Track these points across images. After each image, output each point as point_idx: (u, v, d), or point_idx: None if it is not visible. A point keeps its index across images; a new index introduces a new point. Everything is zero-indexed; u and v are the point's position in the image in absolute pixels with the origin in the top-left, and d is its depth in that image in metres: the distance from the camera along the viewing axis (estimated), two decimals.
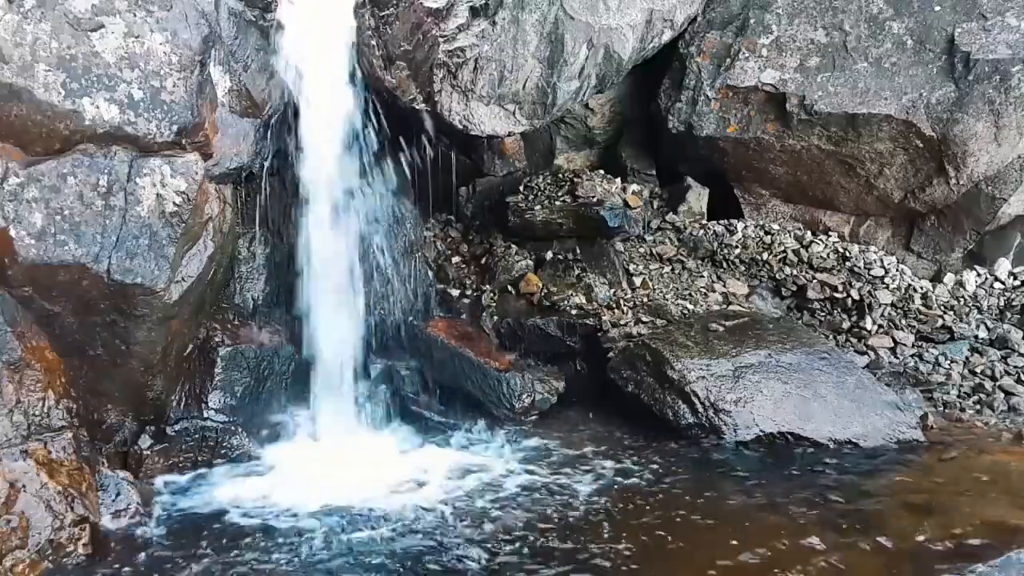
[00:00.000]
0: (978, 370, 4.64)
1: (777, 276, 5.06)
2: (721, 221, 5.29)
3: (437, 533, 3.23)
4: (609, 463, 3.85)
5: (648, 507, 3.41)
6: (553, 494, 3.55)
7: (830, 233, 5.32)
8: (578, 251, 4.94)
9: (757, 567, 2.93)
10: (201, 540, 3.20)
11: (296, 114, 4.04)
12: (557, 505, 3.45)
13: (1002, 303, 5.11)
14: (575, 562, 3.00)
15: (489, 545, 3.13)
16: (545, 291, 4.76)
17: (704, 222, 5.28)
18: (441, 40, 4.16)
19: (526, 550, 3.09)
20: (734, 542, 3.09)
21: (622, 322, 4.64)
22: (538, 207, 4.95)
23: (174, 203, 3.46)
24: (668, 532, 3.19)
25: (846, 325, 4.90)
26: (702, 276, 5.06)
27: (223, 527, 3.31)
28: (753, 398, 4.03)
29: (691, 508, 3.39)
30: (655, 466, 3.81)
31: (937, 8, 5.04)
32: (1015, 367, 4.65)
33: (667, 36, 5.10)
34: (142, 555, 3.10)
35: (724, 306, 4.85)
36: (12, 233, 3.23)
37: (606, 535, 3.18)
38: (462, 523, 3.31)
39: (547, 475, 3.74)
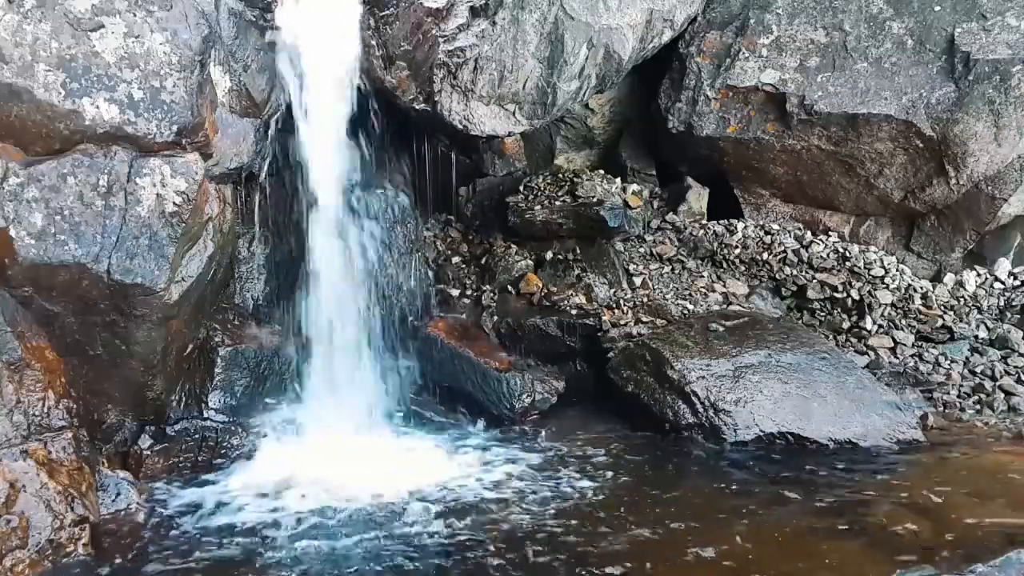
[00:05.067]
0: (978, 370, 4.65)
1: (777, 276, 5.06)
2: (721, 221, 5.29)
3: (437, 532, 3.23)
4: (609, 463, 3.86)
5: (647, 507, 3.41)
6: (552, 494, 3.55)
7: (830, 233, 5.32)
8: (578, 251, 4.94)
9: (756, 567, 2.93)
10: (201, 541, 3.20)
11: (296, 114, 4.03)
12: (556, 505, 3.45)
13: (1002, 303, 5.11)
14: (573, 561, 3.00)
15: (488, 545, 3.13)
16: (545, 291, 4.76)
17: (704, 222, 5.28)
18: (441, 40, 4.16)
19: (526, 549, 3.09)
20: (733, 542, 3.10)
21: (622, 322, 4.64)
22: (538, 207, 4.95)
23: (174, 203, 3.45)
24: (667, 531, 3.19)
25: (846, 325, 4.90)
26: (702, 276, 5.06)
27: (223, 527, 3.31)
28: (753, 398, 4.03)
29: (691, 508, 3.39)
30: (654, 466, 3.81)
31: (937, 8, 5.04)
32: (1015, 367, 4.65)
33: (667, 36, 5.10)
34: (142, 555, 3.10)
35: (724, 306, 4.86)
36: (12, 233, 3.23)
37: (604, 535, 3.18)
38: (462, 523, 3.31)
39: (547, 475, 3.74)
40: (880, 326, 4.88)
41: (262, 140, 4.00)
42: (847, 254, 5.11)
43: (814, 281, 5.01)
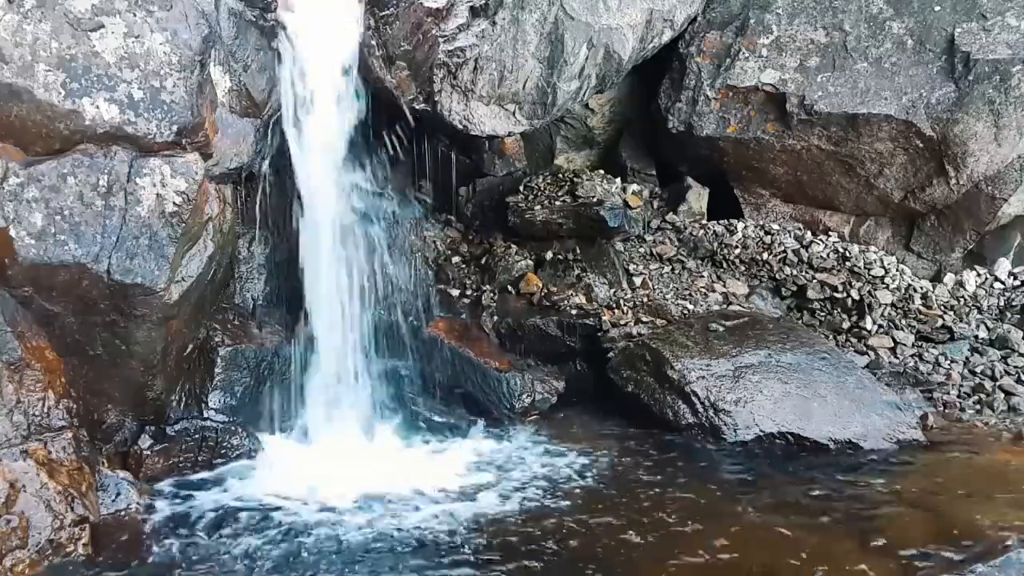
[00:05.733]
0: (978, 370, 4.65)
1: (777, 276, 5.06)
2: (721, 221, 5.29)
3: (437, 534, 3.23)
4: (608, 463, 3.85)
5: (647, 507, 3.41)
6: (552, 494, 3.55)
7: (830, 233, 5.32)
8: (578, 251, 4.94)
9: (756, 567, 2.93)
10: (201, 541, 3.20)
11: (295, 114, 4.03)
12: (556, 505, 3.45)
13: (1002, 303, 5.11)
14: (572, 562, 3.00)
15: (488, 544, 3.13)
16: (545, 291, 4.76)
17: (704, 222, 5.28)
18: (441, 40, 4.16)
19: (527, 550, 3.09)
20: (733, 542, 3.10)
21: (622, 322, 4.64)
22: (538, 207, 4.95)
23: (174, 203, 3.45)
24: (667, 531, 3.19)
25: (846, 325, 4.90)
26: (702, 276, 5.06)
27: (223, 527, 3.30)
28: (753, 398, 4.03)
29: (690, 508, 3.39)
30: (654, 466, 3.81)
31: (937, 8, 5.04)
32: (1015, 367, 4.65)
33: (667, 36, 5.10)
34: (142, 555, 3.10)
35: (724, 306, 4.86)
36: (12, 233, 3.23)
37: (605, 534, 3.19)
38: (462, 522, 3.31)
39: (546, 475, 3.74)
40: (880, 326, 4.88)
41: (262, 140, 3.99)
42: (847, 254, 5.11)
43: (814, 281, 5.01)
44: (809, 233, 5.30)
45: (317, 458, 3.88)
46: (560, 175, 5.18)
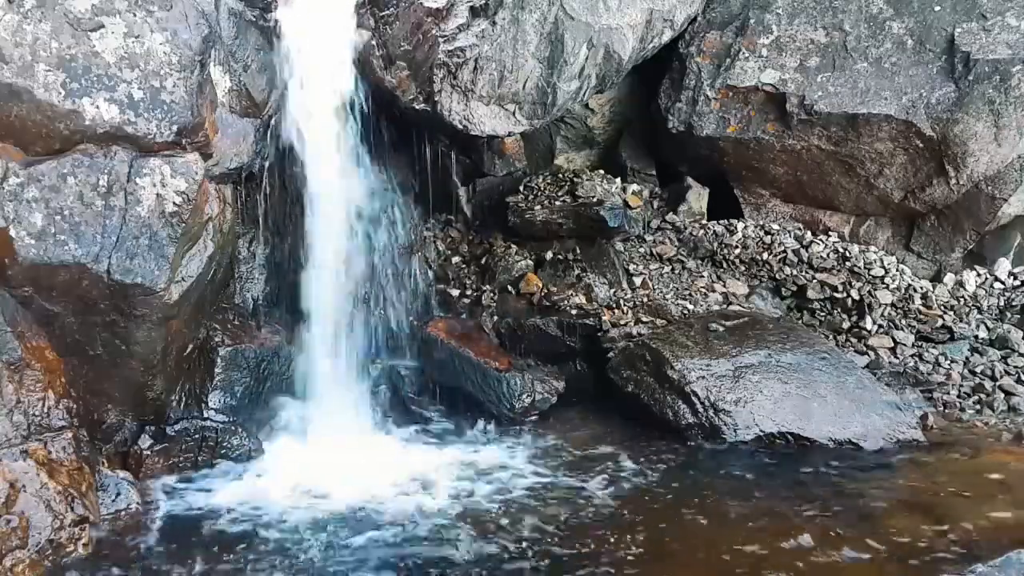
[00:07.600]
0: (978, 370, 4.65)
1: (777, 276, 5.06)
2: (721, 221, 5.28)
3: (438, 534, 3.24)
4: (609, 463, 3.86)
5: (647, 507, 3.41)
6: (554, 495, 3.55)
7: (830, 233, 5.32)
8: (578, 251, 4.94)
9: (756, 567, 2.93)
10: (201, 540, 3.21)
11: (295, 114, 4.03)
12: (557, 505, 3.45)
13: (1002, 303, 5.11)
14: (575, 562, 3.00)
15: (491, 546, 3.13)
16: (545, 291, 4.76)
17: (704, 222, 5.27)
18: (441, 40, 4.16)
19: (528, 551, 3.09)
20: (734, 542, 3.10)
21: (622, 322, 4.64)
22: (538, 207, 4.95)
23: (174, 203, 3.46)
24: (667, 532, 3.20)
25: (846, 325, 4.90)
26: (702, 276, 5.06)
27: (223, 527, 3.31)
28: (753, 398, 4.03)
29: (691, 508, 3.39)
30: (654, 466, 3.81)
31: (937, 8, 5.04)
32: (1015, 367, 4.65)
33: (667, 36, 5.10)
34: (142, 555, 3.10)
35: (724, 306, 4.85)
36: (12, 233, 3.23)
37: (606, 535, 3.18)
38: (463, 523, 3.31)
39: (548, 476, 3.75)
40: (880, 326, 4.88)
41: (262, 140, 4.00)
42: (847, 254, 5.11)
43: (814, 281, 5.00)
44: (809, 233, 5.30)
45: (316, 458, 3.88)
46: (560, 175, 5.18)
